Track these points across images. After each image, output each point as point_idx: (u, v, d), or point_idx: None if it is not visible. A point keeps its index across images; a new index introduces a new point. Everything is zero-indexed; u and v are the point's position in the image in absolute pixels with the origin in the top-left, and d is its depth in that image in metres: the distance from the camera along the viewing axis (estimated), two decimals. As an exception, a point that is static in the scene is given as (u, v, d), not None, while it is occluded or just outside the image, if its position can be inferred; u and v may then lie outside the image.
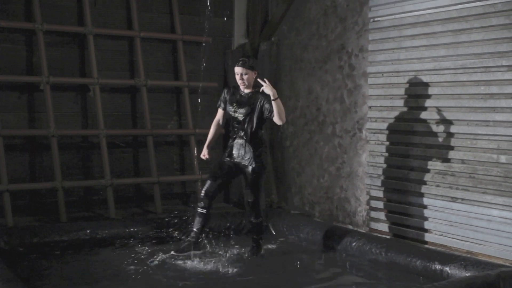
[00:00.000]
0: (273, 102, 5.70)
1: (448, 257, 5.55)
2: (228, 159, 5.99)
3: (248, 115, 5.88)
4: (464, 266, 5.31)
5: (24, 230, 6.15)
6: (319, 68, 7.61)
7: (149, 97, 7.61)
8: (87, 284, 5.31)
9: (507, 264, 5.49)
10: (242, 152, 5.91)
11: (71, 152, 7.35)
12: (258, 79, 5.82)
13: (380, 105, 6.78)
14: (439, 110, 6.20)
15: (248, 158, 5.91)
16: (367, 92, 6.93)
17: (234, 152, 5.95)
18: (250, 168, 5.92)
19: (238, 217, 7.09)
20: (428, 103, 6.29)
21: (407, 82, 6.49)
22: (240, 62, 5.84)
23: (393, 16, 6.63)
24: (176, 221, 6.60)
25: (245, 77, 5.84)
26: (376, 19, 6.82)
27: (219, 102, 6.14)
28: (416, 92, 6.40)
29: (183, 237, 6.26)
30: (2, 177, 6.67)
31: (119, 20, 7.64)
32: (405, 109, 6.53)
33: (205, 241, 6.11)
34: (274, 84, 8.12)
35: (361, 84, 7.02)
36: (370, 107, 6.91)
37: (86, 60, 7.36)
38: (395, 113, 6.61)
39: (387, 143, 6.71)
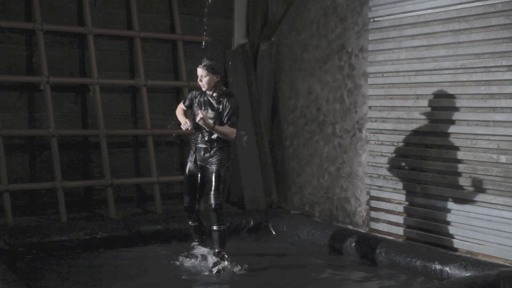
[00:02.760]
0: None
1: (448, 257, 5.55)
2: (192, 164, 5.84)
3: (218, 118, 5.70)
4: (464, 266, 5.31)
5: (24, 230, 6.15)
6: (319, 68, 7.61)
7: (149, 97, 7.60)
8: (87, 284, 5.31)
9: (507, 264, 5.50)
10: (207, 154, 5.75)
11: (71, 152, 7.35)
12: (201, 114, 5.58)
13: (380, 105, 6.78)
14: (439, 110, 6.21)
15: (212, 160, 5.74)
16: (367, 92, 6.93)
17: (198, 155, 5.80)
18: (213, 169, 5.73)
19: (238, 217, 7.11)
20: (428, 103, 6.29)
21: (407, 82, 6.49)
22: (201, 64, 5.68)
23: (393, 16, 6.63)
24: None
25: (204, 79, 5.66)
26: (376, 19, 6.82)
27: (184, 99, 5.96)
28: (416, 92, 6.40)
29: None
30: (2, 177, 6.66)
31: (119, 20, 7.63)
32: (405, 109, 6.53)
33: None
34: (274, 84, 8.21)
35: (361, 84, 7.02)
36: (370, 107, 6.91)
37: (86, 60, 7.36)
38: (395, 113, 6.61)
39: (387, 143, 6.71)
